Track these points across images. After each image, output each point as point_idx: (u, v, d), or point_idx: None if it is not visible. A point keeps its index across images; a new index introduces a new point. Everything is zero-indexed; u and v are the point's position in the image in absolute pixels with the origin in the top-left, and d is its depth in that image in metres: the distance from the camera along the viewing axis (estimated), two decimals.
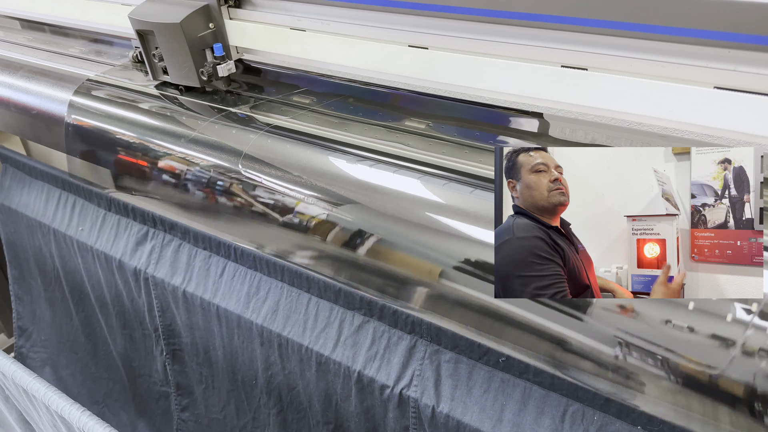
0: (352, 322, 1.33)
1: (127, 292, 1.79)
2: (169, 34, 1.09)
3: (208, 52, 1.14)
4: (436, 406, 1.20)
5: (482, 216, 0.81)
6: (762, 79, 0.70)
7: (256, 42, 1.14)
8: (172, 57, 1.14)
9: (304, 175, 0.97)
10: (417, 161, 0.91)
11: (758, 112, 0.70)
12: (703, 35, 0.69)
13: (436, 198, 0.85)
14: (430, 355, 1.22)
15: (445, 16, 0.87)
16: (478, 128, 0.96)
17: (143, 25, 1.14)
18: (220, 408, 1.73)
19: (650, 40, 0.72)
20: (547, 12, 0.77)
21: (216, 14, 1.12)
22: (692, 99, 0.72)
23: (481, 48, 0.86)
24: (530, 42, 0.83)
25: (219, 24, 1.13)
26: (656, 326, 0.74)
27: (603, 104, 0.79)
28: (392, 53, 0.95)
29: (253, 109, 1.13)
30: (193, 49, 1.11)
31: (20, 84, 1.32)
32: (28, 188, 2.03)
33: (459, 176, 0.87)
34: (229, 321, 1.53)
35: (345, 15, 0.99)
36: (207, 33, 1.13)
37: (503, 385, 1.14)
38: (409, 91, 1.06)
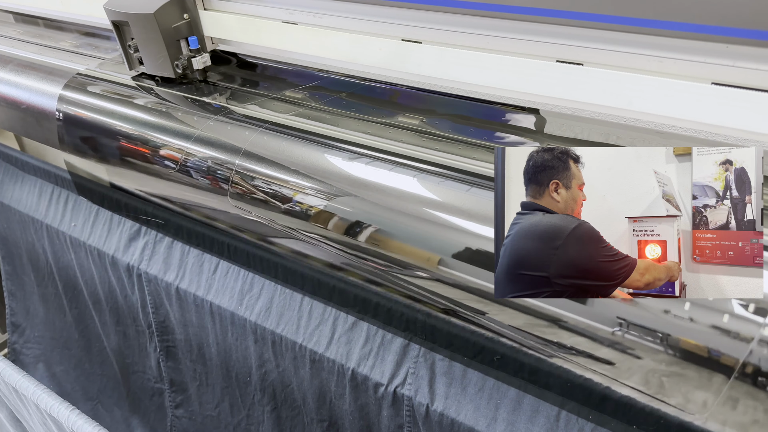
0: (346, 319, 1.32)
1: (120, 289, 1.78)
2: (144, 25, 1.09)
3: (183, 44, 1.14)
4: (430, 404, 1.19)
5: (478, 213, 0.80)
6: (761, 75, 0.68)
7: (230, 32, 1.13)
8: (147, 48, 1.13)
9: (299, 169, 0.95)
10: (408, 156, 0.89)
11: (757, 108, 0.69)
12: (700, 30, 0.68)
13: (430, 195, 0.84)
14: (425, 354, 1.21)
15: (438, 9, 0.85)
16: (473, 124, 0.95)
17: (118, 15, 1.13)
18: (215, 405, 1.72)
19: (647, 34, 0.71)
20: (542, 6, 0.75)
21: (190, 5, 1.12)
22: (689, 95, 0.71)
23: (475, 42, 0.85)
24: (525, 36, 0.81)
25: (193, 15, 1.13)
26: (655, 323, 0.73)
27: (599, 100, 0.78)
28: (377, 46, 0.93)
29: (229, 100, 1.12)
30: (167, 39, 1.11)
31: (10, 78, 1.30)
32: (21, 183, 2.01)
33: (454, 173, 0.85)
34: (222, 318, 1.52)
35: (329, 7, 0.98)
36: (182, 24, 1.12)
37: (498, 383, 1.13)
38: (384, 83, 1.04)
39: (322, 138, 0.99)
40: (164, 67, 1.14)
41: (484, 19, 0.82)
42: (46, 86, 1.24)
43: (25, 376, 1.14)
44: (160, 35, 1.09)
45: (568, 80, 0.78)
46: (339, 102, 1.09)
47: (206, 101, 1.12)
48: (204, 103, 1.11)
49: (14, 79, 1.30)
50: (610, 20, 0.72)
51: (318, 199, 0.93)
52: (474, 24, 0.84)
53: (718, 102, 0.70)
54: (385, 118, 1.01)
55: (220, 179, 1.05)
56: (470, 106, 0.96)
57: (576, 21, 0.74)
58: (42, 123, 1.26)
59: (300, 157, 0.98)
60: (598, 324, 0.79)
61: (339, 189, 0.89)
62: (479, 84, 0.87)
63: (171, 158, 1.07)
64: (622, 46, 0.74)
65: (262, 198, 1.01)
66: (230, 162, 1.02)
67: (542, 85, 0.81)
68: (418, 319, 1.19)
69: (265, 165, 0.99)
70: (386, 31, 0.93)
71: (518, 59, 0.82)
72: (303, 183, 0.95)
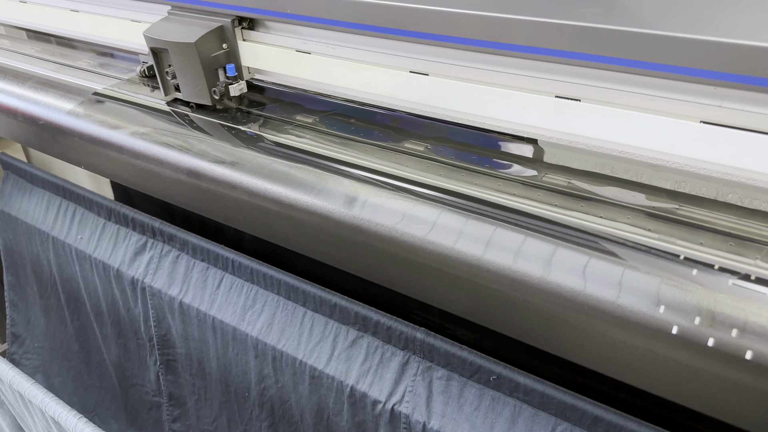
0: (346, 336, 1.35)
1: (123, 301, 1.81)
2: (184, 53, 1.13)
3: (221, 72, 1.17)
4: (427, 422, 1.22)
5: (476, 237, 0.84)
6: (746, 115, 0.73)
7: (267, 63, 1.17)
8: (186, 75, 1.17)
9: (308, 192, 1.00)
10: (414, 182, 0.94)
11: (742, 146, 0.74)
12: (691, 72, 0.73)
13: (432, 218, 0.88)
14: (423, 372, 1.25)
15: (445, 45, 0.91)
16: (475, 152, 0.99)
17: (158, 43, 1.17)
18: (212, 419, 1.74)
19: (640, 75, 0.76)
20: (542, 45, 0.80)
21: (230, 35, 1.15)
22: (679, 132, 0.76)
23: (478, 76, 0.90)
24: (526, 72, 0.86)
25: (232, 45, 1.16)
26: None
27: (595, 134, 0.82)
28: (395, 78, 0.99)
29: (262, 128, 1.16)
30: (206, 68, 1.14)
31: (28, 94, 1.35)
32: (29, 196, 2.05)
33: (457, 198, 0.90)
34: (224, 333, 1.55)
35: (350, 40, 1.03)
36: (220, 53, 1.16)
37: (493, 402, 1.16)
38: (403, 113, 1.10)
39: (335, 162, 1.03)
40: (201, 94, 1.17)
41: (487, 55, 0.88)
42: (65, 104, 1.29)
43: (34, 383, 1.17)
44: (200, 63, 1.13)
45: (566, 114, 0.83)
46: (347, 126, 1.14)
47: (241, 129, 1.16)
48: (239, 130, 1.16)
49: (35, 96, 1.35)
50: (605, 60, 0.77)
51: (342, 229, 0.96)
52: (478, 59, 0.90)
53: (705, 139, 0.75)
54: (392, 144, 1.05)
55: None
56: (473, 134, 1.01)
57: (574, 60, 0.79)
58: (58, 138, 1.31)
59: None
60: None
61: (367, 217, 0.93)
62: (482, 115, 0.92)
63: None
64: (616, 84, 0.79)
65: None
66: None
67: (542, 118, 0.86)
68: (417, 337, 1.23)
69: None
70: (395, 63, 0.99)
71: (520, 93, 0.87)
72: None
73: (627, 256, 0.73)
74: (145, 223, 1.70)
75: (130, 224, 1.75)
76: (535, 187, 0.88)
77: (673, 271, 0.70)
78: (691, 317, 0.66)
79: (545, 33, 0.79)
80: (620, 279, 0.72)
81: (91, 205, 1.86)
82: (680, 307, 0.67)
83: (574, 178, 0.88)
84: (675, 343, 0.67)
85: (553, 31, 0.79)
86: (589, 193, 0.84)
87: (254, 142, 1.12)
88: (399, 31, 0.92)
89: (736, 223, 0.75)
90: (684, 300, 0.67)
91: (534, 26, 0.80)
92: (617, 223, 0.77)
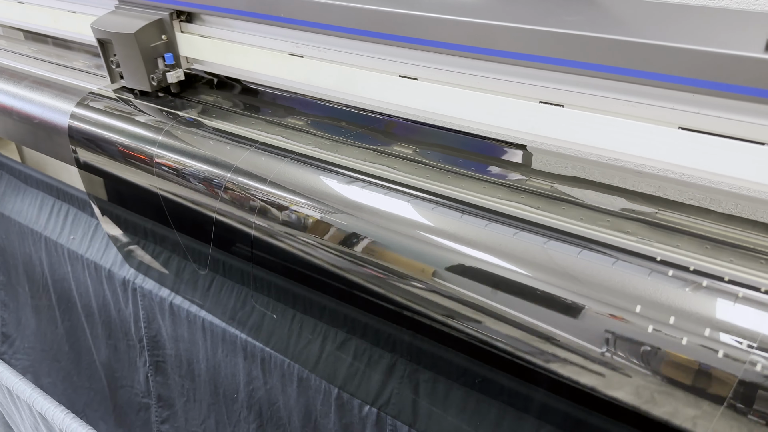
0: (334, 339, 1.36)
1: (114, 302, 1.81)
2: (125, 43, 1.23)
3: (160, 61, 1.27)
4: (412, 424, 1.23)
5: (466, 239, 0.85)
6: (723, 122, 0.75)
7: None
8: (128, 63, 1.27)
9: (293, 189, 1.01)
10: (399, 183, 0.95)
11: (719, 152, 0.76)
12: (670, 79, 0.75)
13: (418, 220, 0.89)
14: (409, 374, 1.25)
15: (435, 50, 0.93)
16: (461, 156, 1.01)
17: (103, 33, 1.27)
18: (201, 421, 1.74)
19: (621, 81, 0.78)
20: (527, 51, 0.82)
21: (168, 27, 1.25)
22: (659, 137, 0.78)
23: (466, 81, 0.92)
24: (512, 78, 0.88)
25: (171, 36, 1.26)
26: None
27: (577, 139, 0.84)
28: (383, 81, 1.01)
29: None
30: (145, 57, 1.24)
31: (24, 93, 1.37)
32: (23, 196, 2.06)
33: (443, 200, 0.91)
34: (214, 334, 1.55)
35: (337, 43, 1.06)
36: (159, 44, 1.26)
37: (478, 405, 1.17)
38: (376, 113, 1.14)
39: (322, 163, 1.05)
40: (141, 81, 1.27)
41: (474, 60, 0.89)
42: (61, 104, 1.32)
43: (22, 379, 1.17)
44: (139, 53, 1.23)
45: (550, 119, 0.85)
46: (339, 130, 1.16)
47: (178, 113, 1.24)
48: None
49: (31, 96, 1.37)
50: (588, 67, 0.79)
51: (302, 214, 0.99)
52: (465, 65, 0.92)
53: (684, 145, 0.77)
54: (381, 147, 1.07)
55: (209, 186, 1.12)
56: (459, 138, 1.02)
57: (558, 66, 0.81)
58: (53, 137, 1.33)
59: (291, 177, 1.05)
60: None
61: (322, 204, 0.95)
62: (468, 119, 0.93)
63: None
64: (598, 91, 0.81)
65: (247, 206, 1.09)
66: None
67: (526, 122, 0.88)
68: (405, 340, 1.24)
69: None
70: (386, 68, 1.01)
71: (505, 98, 0.89)
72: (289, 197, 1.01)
73: (606, 258, 0.75)
74: (137, 224, 1.71)
75: (122, 225, 1.75)
76: (519, 191, 0.89)
77: (649, 271, 0.71)
78: (666, 316, 0.68)
79: (530, 40, 0.81)
80: (599, 280, 0.73)
81: (84, 206, 1.86)
82: (656, 306, 0.69)
83: (556, 182, 0.90)
84: (653, 339, 0.68)
85: (537, 37, 0.80)
86: (570, 197, 0.86)
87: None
88: (387, 35, 0.94)
89: (713, 227, 0.76)
90: (660, 300, 0.69)
91: (518, 33, 0.82)
92: (597, 226, 0.79)
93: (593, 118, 0.82)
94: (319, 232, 1.02)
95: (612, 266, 0.73)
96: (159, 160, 1.21)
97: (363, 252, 0.95)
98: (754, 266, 0.70)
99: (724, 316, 0.65)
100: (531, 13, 0.84)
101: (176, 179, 1.21)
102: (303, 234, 1.05)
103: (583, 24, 0.79)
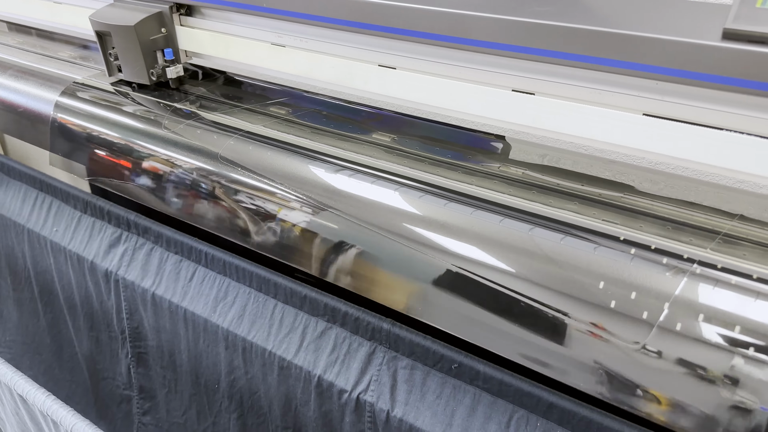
0: (315, 327, 1.38)
1: (96, 294, 1.82)
2: (124, 36, 1.24)
3: (159, 55, 1.27)
4: (390, 410, 1.25)
5: (445, 225, 0.88)
6: (685, 108, 0.78)
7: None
8: (126, 56, 1.27)
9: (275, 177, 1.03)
10: (366, 165, 0.98)
11: (681, 138, 0.79)
12: (634, 67, 0.78)
13: (398, 206, 0.92)
14: (388, 362, 1.28)
15: (411, 39, 0.95)
16: (437, 145, 1.04)
17: (102, 26, 1.28)
18: (182, 412, 1.75)
19: (588, 69, 0.81)
20: (500, 41, 0.85)
21: (168, 20, 1.26)
22: (624, 124, 0.81)
23: (441, 70, 0.95)
24: (486, 67, 0.91)
25: (170, 30, 1.27)
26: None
27: (547, 126, 0.87)
28: (360, 71, 1.03)
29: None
30: (145, 50, 1.25)
31: (8, 83, 1.39)
32: (5, 188, 2.05)
33: (420, 185, 0.94)
34: (195, 324, 1.57)
35: (316, 33, 1.08)
36: (159, 37, 1.27)
37: (455, 391, 1.20)
38: (361, 104, 1.17)
39: (300, 149, 1.07)
40: (140, 74, 1.27)
41: (449, 50, 0.92)
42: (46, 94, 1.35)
43: (3, 363, 1.18)
44: (138, 46, 1.23)
45: (522, 107, 0.88)
46: (317, 117, 1.18)
47: (177, 106, 1.23)
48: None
49: (15, 85, 1.38)
50: (557, 55, 0.82)
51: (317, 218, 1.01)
52: (441, 54, 0.94)
53: (647, 131, 0.80)
54: (360, 135, 1.10)
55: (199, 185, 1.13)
56: (435, 128, 1.05)
57: (529, 55, 0.84)
58: (37, 126, 1.35)
59: (276, 166, 1.06)
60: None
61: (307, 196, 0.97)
62: (444, 107, 0.96)
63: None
64: (567, 79, 0.84)
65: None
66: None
67: (499, 110, 0.91)
68: (384, 328, 1.26)
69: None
70: (366, 57, 1.03)
71: (479, 87, 0.92)
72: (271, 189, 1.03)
73: (574, 239, 0.78)
74: (121, 215, 1.72)
75: (106, 217, 1.76)
76: (492, 177, 0.92)
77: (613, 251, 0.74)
78: (628, 292, 0.71)
79: (501, 29, 0.84)
80: (565, 258, 0.76)
81: (68, 198, 1.87)
82: (619, 283, 0.72)
83: (528, 169, 0.93)
84: (613, 315, 0.71)
85: (509, 27, 0.83)
86: (541, 182, 0.89)
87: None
88: (367, 25, 0.97)
89: (674, 209, 0.80)
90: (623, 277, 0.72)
91: (492, 23, 0.85)
92: (565, 210, 0.82)
93: (562, 106, 0.85)
94: (302, 225, 1.05)
95: (571, 244, 0.76)
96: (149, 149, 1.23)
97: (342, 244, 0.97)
98: (710, 245, 0.73)
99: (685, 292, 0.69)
100: (504, 4, 0.87)
101: (165, 168, 1.24)
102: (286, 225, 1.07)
103: (553, 14, 0.82)
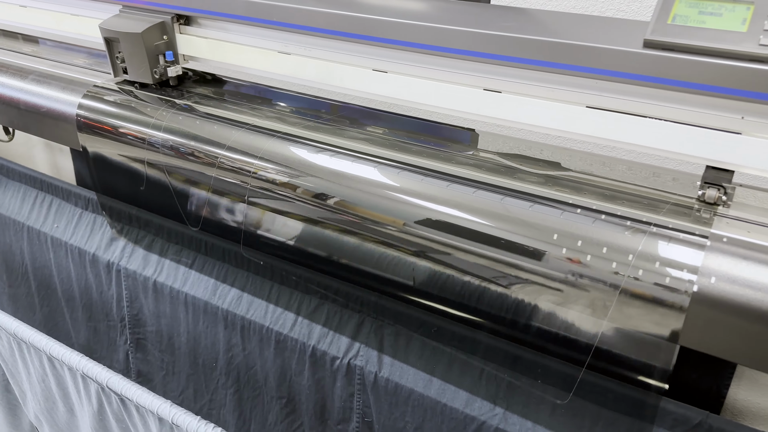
0: (309, 304, 1.54)
1: (96, 285, 1.92)
2: (132, 41, 1.45)
3: (161, 57, 1.50)
4: (378, 371, 1.41)
5: (426, 195, 1.08)
6: (617, 101, 1.00)
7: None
8: (132, 59, 1.48)
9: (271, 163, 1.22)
10: (350, 149, 1.19)
11: (616, 125, 1.01)
12: (578, 69, 0.99)
13: (381, 180, 1.11)
14: (375, 330, 1.44)
15: (401, 48, 1.16)
16: (422, 138, 1.24)
17: (111, 33, 1.48)
18: (179, 392, 1.86)
19: (543, 71, 1.02)
20: (474, 49, 1.06)
21: (169, 29, 1.48)
22: (570, 115, 1.02)
23: (426, 74, 1.15)
24: (461, 71, 1.12)
25: (171, 37, 1.49)
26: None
27: (511, 118, 1.09)
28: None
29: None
30: (149, 54, 1.46)
31: (31, 87, 1.56)
32: (4, 189, 2.15)
33: (407, 166, 1.14)
34: (195, 308, 1.69)
35: (315, 42, 1.29)
36: (161, 43, 1.48)
37: (434, 352, 1.37)
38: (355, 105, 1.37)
39: (298, 138, 1.26)
40: (145, 74, 1.49)
41: (433, 57, 1.13)
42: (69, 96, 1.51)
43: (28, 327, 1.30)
44: (144, 50, 1.44)
45: (491, 103, 1.09)
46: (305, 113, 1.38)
47: (178, 102, 1.47)
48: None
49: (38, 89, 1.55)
50: (519, 61, 1.03)
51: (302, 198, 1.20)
52: (425, 60, 1.15)
53: (590, 120, 1.02)
54: (351, 128, 1.29)
55: None
56: (419, 124, 1.26)
57: (497, 61, 1.06)
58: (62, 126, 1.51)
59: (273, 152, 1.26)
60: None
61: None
62: (426, 104, 1.17)
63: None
64: (527, 80, 1.06)
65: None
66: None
67: (473, 106, 1.12)
68: (371, 300, 1.43)
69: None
70: (360, 63, 1.23)
71: (457, 87, 1.13)
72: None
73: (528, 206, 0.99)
74: (122, 210, 1.85)
75: (107, 212, 1.89)
76: (466, 163, 1.13)
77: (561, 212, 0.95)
78: (574, 242, 0.92)
79: (475, 40, 1.05)
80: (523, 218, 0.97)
81: (69, 196, 1.98)
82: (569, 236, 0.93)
83: (497, 156, 1.14)
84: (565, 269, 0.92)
85: (481, 38, 1.05)
86: (505, 166, 1.10)
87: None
88: (361, 36, 1.18)
89: (612, 182, 1.01)
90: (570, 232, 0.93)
91: (467, 35, 1.06)
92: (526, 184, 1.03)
93: (523, 101, 1.06)
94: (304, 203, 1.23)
95: (531, 208, 0.97)
96: (157, 142, 1.40)
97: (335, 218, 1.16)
98: (637, 208, 0.95)
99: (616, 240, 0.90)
100: (478, 20, 1.08)
101: (175, 157, 1.40)
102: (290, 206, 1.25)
103: (515, 29, 1.04)
